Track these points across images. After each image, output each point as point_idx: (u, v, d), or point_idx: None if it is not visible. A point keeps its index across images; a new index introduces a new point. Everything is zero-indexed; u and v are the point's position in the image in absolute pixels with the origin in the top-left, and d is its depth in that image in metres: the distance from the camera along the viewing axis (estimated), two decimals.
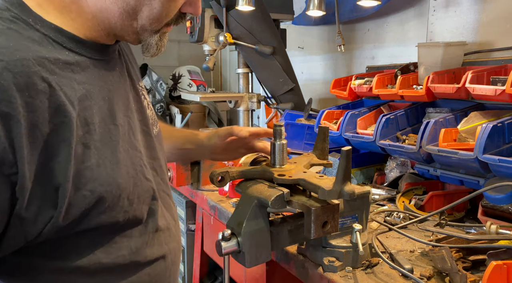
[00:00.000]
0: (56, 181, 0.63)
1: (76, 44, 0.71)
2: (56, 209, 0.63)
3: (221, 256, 1.00)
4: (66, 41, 0.69)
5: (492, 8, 1.73)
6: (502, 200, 1.23)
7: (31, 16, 0.66)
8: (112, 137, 0.73)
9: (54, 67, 0.64)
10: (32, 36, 0.64)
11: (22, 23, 0.65)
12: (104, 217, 0.71)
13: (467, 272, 0.97)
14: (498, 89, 1.32)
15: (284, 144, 1.09)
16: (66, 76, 0.66)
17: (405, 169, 1.74)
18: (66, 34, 0.70)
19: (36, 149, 0.60)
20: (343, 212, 1.08)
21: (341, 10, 2.30)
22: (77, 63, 0.70)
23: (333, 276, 1.04)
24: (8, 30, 0.62)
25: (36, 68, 0.61)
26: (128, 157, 0.76)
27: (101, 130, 0.71)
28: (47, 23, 0.67)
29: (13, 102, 0.57)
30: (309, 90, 2.72)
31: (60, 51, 0.68)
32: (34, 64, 0.61)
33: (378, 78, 1.79)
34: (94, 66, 0.74)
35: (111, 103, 0.75)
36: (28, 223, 0.62)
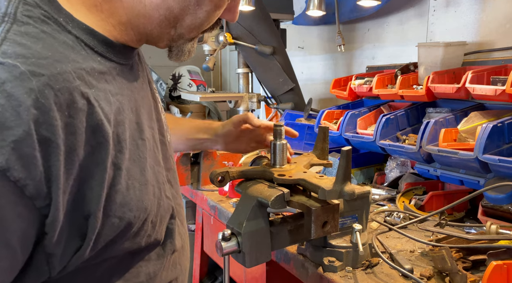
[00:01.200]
0: (87, 209, 0.55)
1: (107, 48, 0.64)
2: (84, 240, 0.56)
3: (221, 256, 1.00)
4: (97, 44, 0.62)
5: (492, 8, 1.73)
6: (502, 200, 1.23)
7: (62, 14, 0.58)
8: (141, 155, 0.66)
9: (91, 79, 0.58)
10: (65, 40, 0.57)
11: (53, 23, 0.57)
12: (127, 243, 0.64)
13: (467, 272, 0.97)
14: (498, 89, 1.32)
15: (284, 144, 1.09)
16: (102, 89, 0.59)
17: (405, 169, 1.74)
18: (98, 36, 0.62)
19: (71, 176, 0.53)
20: (343, 212, 1.08)
21: (341, 10, 2.30)
22: (109, 72, 0.63)
23: (333, 276, 1.04)
24: (42, 34, 0.54)
25: (76, 82, 0.54)
26: (153, 175, 0.70)
27: (131, 147, 0.64)
28: (78, 23, 0.60)
29: (54, 125, 0.49)
30: (309, 90, 2.72)
31: (93, 58, 0.61)
32: (74, 77, 0.54)
33: (378, 78, 1.79)
34: (121, 73, 0.67)
35: (138, 115, 0.68)
36: (55, 259, 0.55)
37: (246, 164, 1.27)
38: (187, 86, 3.32)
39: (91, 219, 0.56)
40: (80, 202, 0.55)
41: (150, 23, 0.67)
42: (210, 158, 1.82)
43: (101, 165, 0.56)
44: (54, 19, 0.57)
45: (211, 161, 1.82)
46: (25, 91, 0.47)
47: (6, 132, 0.46)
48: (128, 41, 0.68)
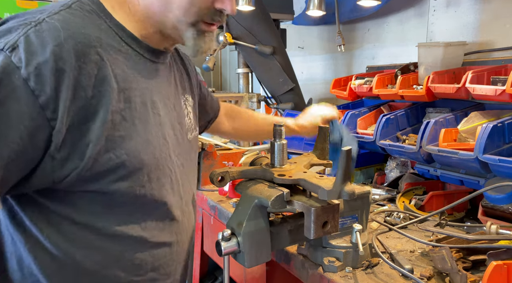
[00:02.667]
0: (88, 138, 0.73)
1: (133, 41, 0.84)
2: (83, 160, 0.73)
3: (221, 256, 1.00)
4: (125, 36, 0.82)
5: (492, 8, 1.73)
6: (502, 200, 1.23)
7: (104, 13, 0.81)
8: (149, 120, 0.83)
9: (109, 49, 0.78)
10: (100, 25, 0.79)
11: (96, 15, 0.79)
12: (123, 184, 0.79)
13: (467, 272, 0.96)
14: (498, 89, 1.32)
15: (284, 143, 1.09)
16: (118, 59, 0.79)
17: (405, 169, 1.74)
18: (127, 32, 0.83)
19: (77, 105, 0.71)
20: (343, 212, 1.08)
21: (341, 10, 2.30)
22: (129, 55, 0.82)
23: (333, 276, 1.04)
24: (84, 16, 0.77)
25: (94, 43, 0.75)
26: (157, 142, 0.85)
27: (142, 110, 0.82)
28: (114, 20, 0.81)
29: (69, 63, 0.69)
30: (309, 90, 2.72)
31: (119, 42, 0.81)
32: (94, 40, 0.75)
33: (378, 78, 1.79)
34: (144, 63, 0.86)
35: (153, 95, 0.86)
36: (57, 164, 0.72)
37: (246, 164, 1.27)
38: None
39: (90, 146, 0.73)
40: (83, 128, 0.72)
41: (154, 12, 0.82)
42: (210, 158, 1.82)
43: (104, 108, 0.74)
44: (97, 13, 0.80)
45: (211, 161, 1.82)
46: (54, 37, 0.70)
47: (34, 57, 0.67)
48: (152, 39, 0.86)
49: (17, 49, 0.67)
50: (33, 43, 0.68)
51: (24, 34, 0.69)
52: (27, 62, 0.67)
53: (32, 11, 0.76)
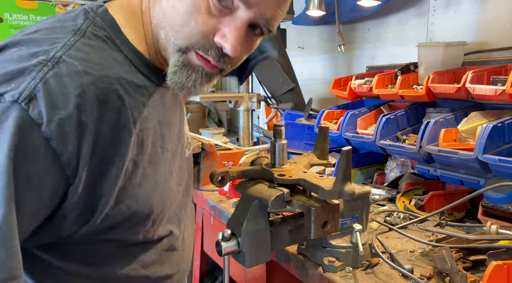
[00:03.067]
0: (101, 191, 0.66)
1: (148, 69, 0.75)
2: (94, 215, 0.67)
3: (221, 256, 1.00)
4: (140, 65, 0.74)
5: (492, 8, 1.73)
6: (502, 200, 1.23)
7: (120, 37, 0.72)
8: (158, 161, 0.77)
9: (129, 88, 0.70)
10: (116, 57, 0.70)
11: (111, 43, 0.71)
12: (129, 232, 0.75)
13: (467, 272, 0.96)
14: (498, 89, 1.32)
15: (284, 143, 1.09)
16: (136, 98, 0.71)
17: (405, 169, 1.74)
18: (143, 59, 0.74)
19: (95, 159, 0.64)
20: (343, 212, 1.08)
21: (341, 10, 2.30)
22: (145, 88, 0.74)
23: (333, 276, 1.04)
24: (100, 48, 0.69)
25: (116, 86, 0.67)
26: (165, 181, 0.80)
27: (151, 152, 0.75)
28: (129, 45, 0.73)
29: (92, 115, 0.63)
30: (309, 90, 2.72)
31: (135, 74, 0.73)
32: (115, 82, 0.67)
33: (378, 78, 1.79)
34: (157, 92, 0.78)
35: (163, 127, 0.79)
36: (68, 222, 0.66)
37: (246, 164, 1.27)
38: None
39: (102, 200, 0.67)
40: (98, 182, 0.66)
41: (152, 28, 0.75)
42: (210, 158, 1.82)
43: (121, 157, 0.67)
44: (112, 40, 0.71)
45: (211, 161, 1.82)
46: (76, 85, 0.62)
47: (56, 111, 0.59)
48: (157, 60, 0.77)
49: (36, 100, 0.58)
50: (53, 92, 0.59)
51: (41, 79, 0.59)
52: (49, 118, 0.58)
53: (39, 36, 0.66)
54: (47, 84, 0.59)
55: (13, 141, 0.56)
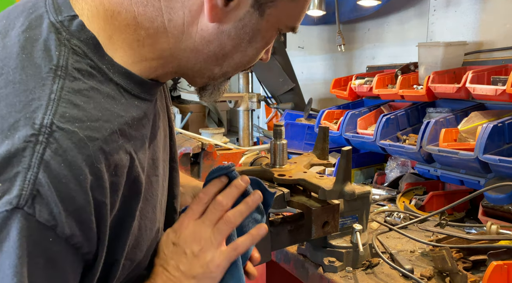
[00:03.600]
0: (114, 256, 0.57)
1: (142, 88, 0.62)
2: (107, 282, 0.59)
3: None
4: (134, 87, 0.61)
5: (492, 8, 1.73)
6: (502, 200, 1.23)
7: (105, 61, 0.58)
8: (153, 192, 0.65)
9: (131, 131, 0.58)
10: (109, 92, 0.57)
11: (98, 74, 0.56)
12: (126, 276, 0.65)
13: (468, 272, 0.96)
14: (498, 89, 1.32)
15: (284, 143, 1.09)
16: (139, 137, 0.60)
17: (405, 169, 1.74)
18: (134, 79, 0.61)
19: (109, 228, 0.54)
20: (343, 212, 1.08)
21: (341, 10, 2.29)
22: (145, 115, 0.62)
23: (333, 276, 1.04)
24: (92, 91, 0.54)
25: (121, 141, 0.55)
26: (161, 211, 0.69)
27: (146, 186, 0.62)
28: (118, 67, 0.59)
29: (105, 188, 0.51)
30: (309, 90, 2.72)
31: (131, 103, 0.60)
32: (119, 136, 0.55)
33: (378, 78, 1.79)
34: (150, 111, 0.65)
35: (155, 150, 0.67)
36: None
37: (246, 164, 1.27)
38: (187, 86, 3.31)
39: (115, 265, 0.58)
40: (110, 250, 0.56)
41: (196, 57, 0.63)
42: (210, 158, 1.82)
43: (132, 214, 0.58)
44: (99, 69, 0.56)
45: (211, 161, 1.82)
46: (83, 159, 0.49)
47: (71, 202, 0.47)
48: (160, 76, 0.65)
49: (41, 198, 0.45)
50: (60, 180, 0.46)
51: (39, 166, 0.45)
52: (65, 215, 0.47)
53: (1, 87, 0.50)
54: (49, 170, 0.46)
55: (25, 263, 0.45)
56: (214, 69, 0.66)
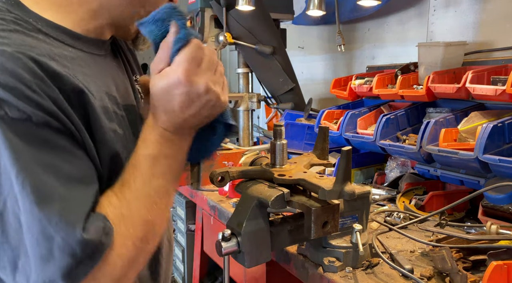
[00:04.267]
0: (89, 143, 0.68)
1: (75, 41, 0.73)
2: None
3: (221, 256, 1.00)
4: (66, 38, 0.71)
5: (492, 8, 1.73)
6: (502, 200, 1.23)
7: (31, 15, 0.68)
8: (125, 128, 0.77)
9: (64, 61, 0.67)
10: (36, 36, 0.66)
11: (25, 23, 0.67)
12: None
13: (468, 272, 0.96)
14: (498, 89, 1.32)
15: (284, 143, 1.09)
16: (76, 69, 0.69)
17: (405, 169, 1.74)
18: (65, 31, 0.71)
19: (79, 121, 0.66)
20: (343, 212, 1.08)
21: (341, 10, 2.30)
22: (80, 59, 0.72)
23: (333, 276, 1.04)
24: (16, 31, 0.64)
25: (51, 62, 0.63)
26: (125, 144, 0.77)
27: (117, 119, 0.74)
28: (46, 21, 0.69)
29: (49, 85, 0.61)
30: (309, 90, 2.72)
31: (64, 48, 0.70)
32: (51, 59, 0.64)
33: (378, 78, 1.79)
34: (95, 61, 0.76)
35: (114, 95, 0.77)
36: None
37: (246, 164, 1.27)
38: None
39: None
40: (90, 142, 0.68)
41: (121, 2, 0.75)
42: (210, 158, 1.82)
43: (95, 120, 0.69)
44: (25, 20, 0.67)
45: (211, 161, 1.82)
46: (18, 65, 0.59)
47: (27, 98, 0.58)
48: (96, 30, 0.77)
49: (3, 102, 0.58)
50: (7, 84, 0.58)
51: None
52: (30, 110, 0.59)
53: None
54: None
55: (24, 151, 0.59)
56: (140, 11, 0.76)
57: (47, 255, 0.58)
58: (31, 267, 0.58)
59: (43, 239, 0.57)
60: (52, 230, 0.57)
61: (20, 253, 0.59)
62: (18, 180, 0.57)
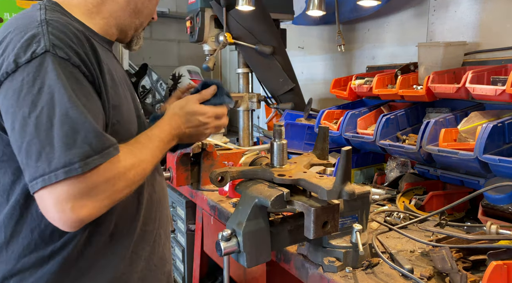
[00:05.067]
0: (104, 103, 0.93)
1: (96, 36, 1.01)
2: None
3: (221, 256, 1.00)
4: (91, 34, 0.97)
5: (492, 8, 1.73)
6: (502, 200, 1.23)
7: (67, 14, 0.96)
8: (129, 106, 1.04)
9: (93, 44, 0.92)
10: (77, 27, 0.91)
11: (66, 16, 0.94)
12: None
13: (467, 272, 0.96)
14: (498, 89, 1.32)
15: (284, 143, 1.09)
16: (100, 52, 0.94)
17: (405, 169, 1.74)
18: (89, 29, 1.00)
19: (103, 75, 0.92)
20: (343, 212, 1.08)
21: (341, 10, 2.30)
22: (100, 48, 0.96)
23: (333, 276, 1.04)
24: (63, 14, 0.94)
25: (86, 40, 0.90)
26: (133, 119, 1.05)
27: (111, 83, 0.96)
28: (77, 20, 0.97)
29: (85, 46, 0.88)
30: (309, 90, 2.72)
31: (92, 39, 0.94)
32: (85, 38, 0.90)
33: (378, 78, 1.79)
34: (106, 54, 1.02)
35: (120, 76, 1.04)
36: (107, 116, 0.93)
37: (246, 164, 1.27)
38: None
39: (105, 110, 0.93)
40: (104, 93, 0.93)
41: (124, 15, 1.06)
42: (210, 158, 1.82)
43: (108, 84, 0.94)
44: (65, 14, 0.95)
45: (211, 161, 1.82)
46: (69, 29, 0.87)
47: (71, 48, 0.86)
48: (109, 34, 1.07)
49: (56, 46, 0.83)
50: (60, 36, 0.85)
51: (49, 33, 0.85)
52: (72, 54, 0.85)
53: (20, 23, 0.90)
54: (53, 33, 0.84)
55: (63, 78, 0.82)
56: (136, 21, 1.09)
57: (72, 143, 0.79)
58: (54, 154, 0.78)
59: (71, 132, 0.79)
60: (79, 126, 0.80)
61: (45, 146, 0.78)
62: (60, 92, 0.80)
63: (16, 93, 0.80)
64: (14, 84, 0.81)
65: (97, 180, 0.81)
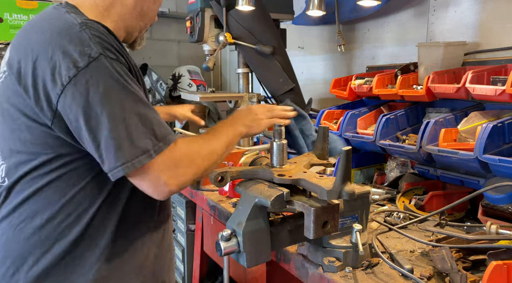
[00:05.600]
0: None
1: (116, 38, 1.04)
2: None
3: (221, 256, 1.00)
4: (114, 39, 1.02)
5: (492, 8, 1.73)
6: (502, 200, 1.23)
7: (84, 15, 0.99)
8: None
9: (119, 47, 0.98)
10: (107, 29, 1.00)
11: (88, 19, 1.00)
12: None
13: (467, 272, 0.97)
14: (498, 89, 1.32)
15: (284, 143, 1.09)
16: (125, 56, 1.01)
17: (405, 169, 1.74)
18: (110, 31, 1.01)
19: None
20: (343, 212, 1.08)
21: (341, 10, 2.30)
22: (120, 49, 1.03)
23: (333, 276, 1.04)
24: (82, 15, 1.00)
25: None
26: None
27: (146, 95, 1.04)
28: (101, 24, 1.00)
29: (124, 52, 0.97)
30: (309, 90, 2.72)
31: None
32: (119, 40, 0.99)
33: (378, 78, 1.79)
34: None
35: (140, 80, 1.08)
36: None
37: (246, 164, 1.27)
38: (187, 86, 3.32)
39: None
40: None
41: (131, 17, 1.11)
42: None
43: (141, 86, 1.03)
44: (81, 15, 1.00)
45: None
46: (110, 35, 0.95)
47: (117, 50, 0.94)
48: (119, 35, 1.09)
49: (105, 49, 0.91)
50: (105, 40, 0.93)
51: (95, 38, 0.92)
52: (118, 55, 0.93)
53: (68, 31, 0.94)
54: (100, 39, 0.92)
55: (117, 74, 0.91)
56: (141, 23, 1.15)
57: (148, 132, 0.91)
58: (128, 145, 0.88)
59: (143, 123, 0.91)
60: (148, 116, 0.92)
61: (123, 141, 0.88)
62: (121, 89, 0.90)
63: (83, 96, 0.87)
64: (79, 88, 0.88)
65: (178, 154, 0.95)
